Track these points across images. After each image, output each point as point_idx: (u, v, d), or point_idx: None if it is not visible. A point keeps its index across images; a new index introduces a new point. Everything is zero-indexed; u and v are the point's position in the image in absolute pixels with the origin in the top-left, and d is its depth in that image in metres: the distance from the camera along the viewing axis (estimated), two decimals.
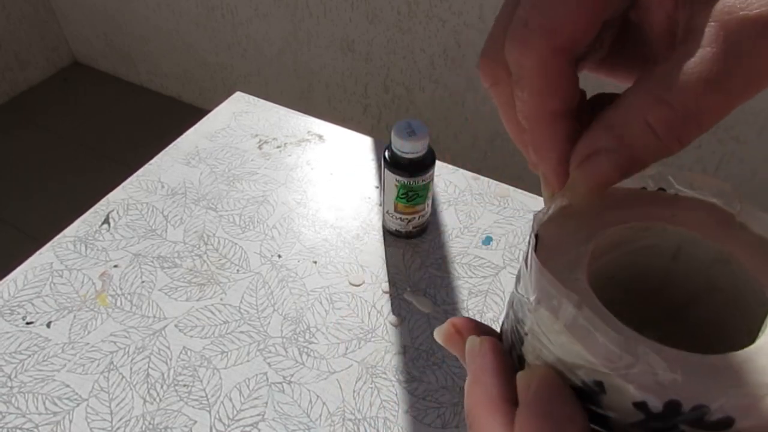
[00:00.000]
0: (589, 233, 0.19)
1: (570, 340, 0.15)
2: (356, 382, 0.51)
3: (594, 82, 0.21)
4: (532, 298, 0.17)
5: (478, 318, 0.56)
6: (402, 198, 0.59)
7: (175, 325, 0.55)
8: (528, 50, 0.17)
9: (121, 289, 0.58)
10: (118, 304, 0.57)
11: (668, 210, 0.19)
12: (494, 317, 0.56)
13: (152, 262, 0.61)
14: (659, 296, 0.21)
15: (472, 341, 0.19)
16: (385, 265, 0.61)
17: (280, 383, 0.51)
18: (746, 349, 0.15)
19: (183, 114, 2.06)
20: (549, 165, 0.19)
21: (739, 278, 0.18)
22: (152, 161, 0.74)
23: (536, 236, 0.19)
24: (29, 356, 0.53)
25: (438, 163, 0.64)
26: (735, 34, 0.14)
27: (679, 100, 0.15)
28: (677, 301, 0.20)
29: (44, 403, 0.49)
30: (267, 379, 0.51)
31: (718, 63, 0.14)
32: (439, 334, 0.21)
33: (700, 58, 0.15)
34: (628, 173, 0.17)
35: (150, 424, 0.48)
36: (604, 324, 0.15)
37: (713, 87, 0.15)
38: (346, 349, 0.54)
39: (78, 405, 0.49)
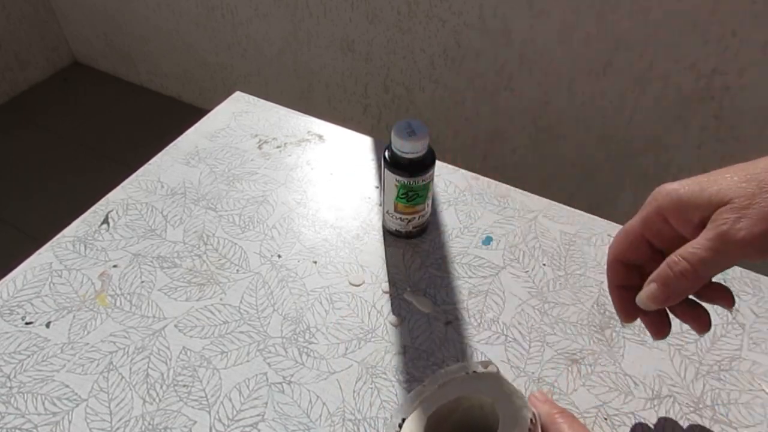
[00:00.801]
0: (426, 412, 0.38)
1: None
2: (356, 383, 0.51)
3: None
4: None
5: (478, 318, 0.56)
6: (402, 198, 0.59)
7: (175, 325, 0.55)
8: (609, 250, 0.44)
9: (120, 289, 0.58)
10: (118, 304, 0.57)
11: (476, 385, 0.39)
12: (494, 317, 0.56)
13: (152, 262, 0.61)
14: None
15: None
16: (385, 265, 0.61)
17: (280, 383, 0.51)
18: None
19: (183, 114, 2.06)
20: (613, 298, 0.45)
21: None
22: (152, 161, 0.73)
23: (402, 419, 0.39)
24: (28, 356, 0.53)
25: (438, 163, 0.64)
26: (725, 244, 0.34)
27: (688, 258, 0.36)
28: None
29: (43, 404, 0.49)
30: (267, 379, 0.51)
31: (709, 252, 0.35)
32: None
33: (701, 246, 0.35)
34: (668, 295, 0.37)
35: (149, 424, 0.48)
36: None
37: (707, 262, 0.35)
38: (346, 349, 0.54)
39: (77, 405, 0.49)
